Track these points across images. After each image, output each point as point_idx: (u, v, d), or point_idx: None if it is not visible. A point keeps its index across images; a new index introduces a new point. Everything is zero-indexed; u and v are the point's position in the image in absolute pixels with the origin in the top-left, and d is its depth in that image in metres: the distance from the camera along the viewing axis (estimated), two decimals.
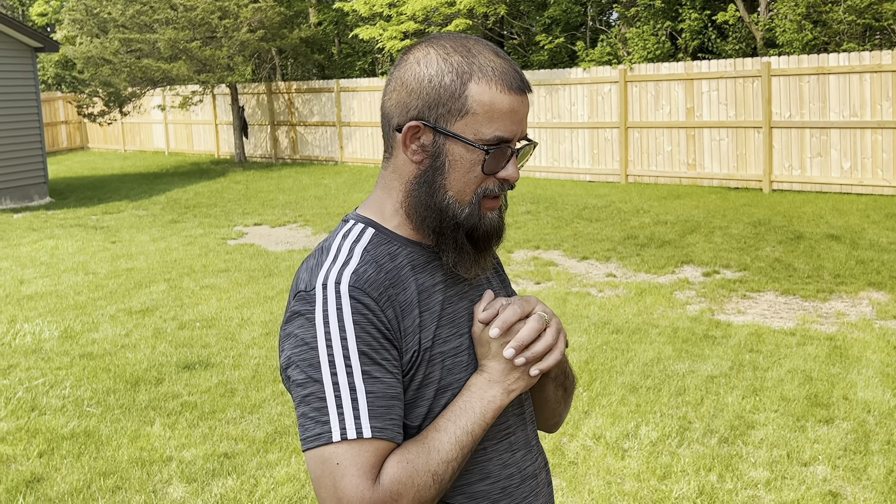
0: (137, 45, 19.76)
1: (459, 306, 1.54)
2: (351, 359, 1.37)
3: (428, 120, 1.46)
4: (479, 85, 1.45)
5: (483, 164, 1.46)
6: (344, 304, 1.39)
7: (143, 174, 20.48)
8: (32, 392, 5.85)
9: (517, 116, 1.47)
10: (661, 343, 6.52)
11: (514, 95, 1.46)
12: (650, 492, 4.25)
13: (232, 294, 8.45)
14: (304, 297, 1.42)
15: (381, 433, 1.36)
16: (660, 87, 15.19)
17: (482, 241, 1.51)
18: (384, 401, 1.38)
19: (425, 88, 1.46)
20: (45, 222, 13.53)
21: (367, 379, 1.37)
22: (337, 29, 25.18)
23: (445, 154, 1.46)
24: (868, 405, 5.21)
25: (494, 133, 1.45)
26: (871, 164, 13.00)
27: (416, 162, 1.48)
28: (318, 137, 21.29)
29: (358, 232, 1.52)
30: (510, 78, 1.46)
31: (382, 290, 1.43)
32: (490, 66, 1.46)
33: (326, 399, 1.37)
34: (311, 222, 12.73)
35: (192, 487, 4.42)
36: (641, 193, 14.15)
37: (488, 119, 1.45)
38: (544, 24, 20.76)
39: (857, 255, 9.10)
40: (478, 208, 1.48)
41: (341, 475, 1.34)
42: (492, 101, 1.45)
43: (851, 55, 13.15)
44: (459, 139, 1.45)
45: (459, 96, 1.45)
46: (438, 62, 1.46)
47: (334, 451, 1.35)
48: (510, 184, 1.50)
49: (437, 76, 1.46)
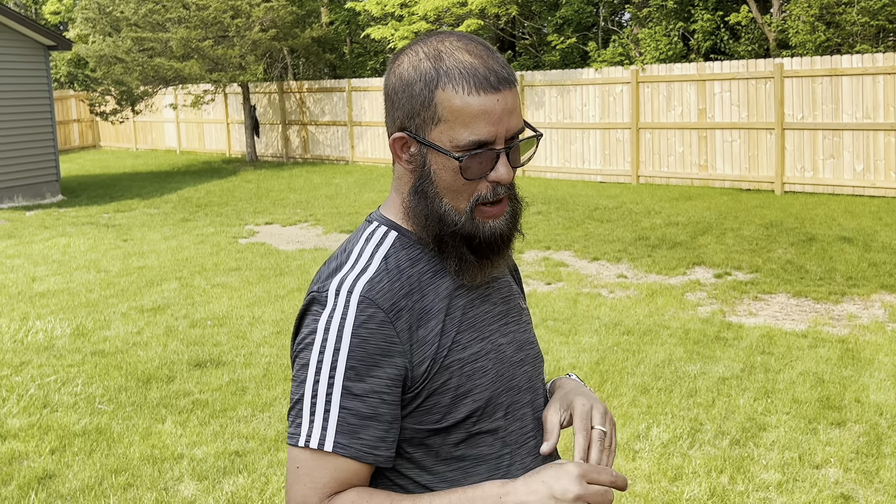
0: (150, 44, 19.83)
1: (480, 310, 1.52)
2: (337, 370, 1.38)
3: (410, 129, 1.45)
4: (445, 91, 1.41)
5: (461, 171, 1.42)
6: (349, 313, 1.40)
7: (154, 173, 20.54)
8: (44, 389, 5.87)
9: (492, 116, 1.40)
10: (673, 344, 6.51)
11: (485, 95, 1.40)
12: (661, 493, 4.24)
13: (243, 292, 8.47)
14: (316, 297, 1.44)
15: (344, 450, 1.37)
16: (672, 88, 15.16)
17: (485, 249, 1.47)
18: (357, 419, 1.38)
19: (401, 99, 1.45)
20: (57, 220, 13.59)
21: (345, 395, 1.38)
22: (349, 28, 25.21)
23: (429, 163, 1.45)
24: (880, 408, 5.19)
25: (469, 138, 1.40)
26: (883, 167, 12.94)
27: (410, 171, 1.48)
28: (330, 137, 21.32)
29: (381, 235, 1.52)
30: (480, 78, 1.40)
31: (396, 300, 1.42)
32: (458, 68, 1.41)
33: (304, 403, 1.40)
34: (322, 221, 12.75)
35: (204, 485, 4.43)
36: (653, 194, 14.12)
37: (461, 124, 1.40)
38: (556, 24, 20.74)
39: (870, 258, 9.06)
40: (472, 217, 1.45)
41: (296, 479, 1.39)
42: (462, 106, 1.40)
43: (865, 57, 13.09)
44: (435, 148, 1.42)
45: (430, 105, 1.42)
46: (409, 71, 1.44)
47: (299, 455, 1.40)
48: (503, 186, 1.45)
49: (409, 86, 1.44)
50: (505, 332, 1.56)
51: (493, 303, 1.56)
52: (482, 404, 1.47)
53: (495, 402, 1.49)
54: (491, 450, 1.50)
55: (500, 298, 1.58)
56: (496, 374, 1.50)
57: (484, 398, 1.47)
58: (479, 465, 1.49)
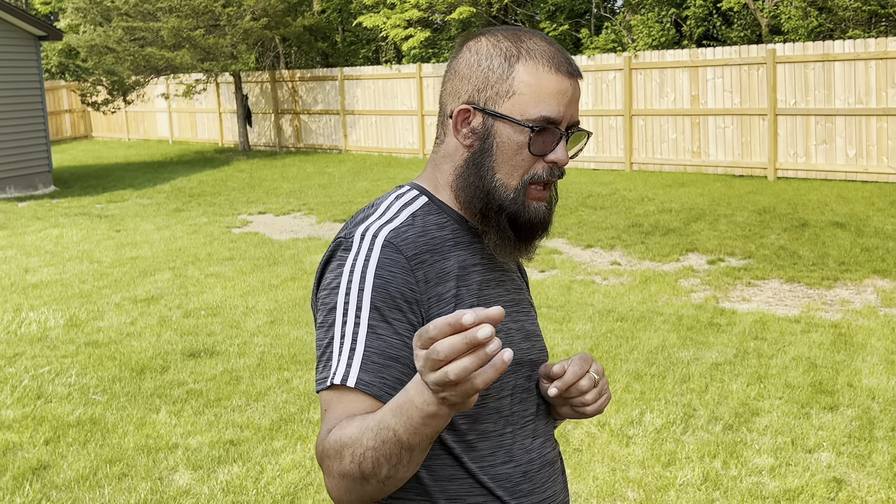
0: (141, 34, 19.73)
1: (496, 292, 1.55)
2: (362, 310, 1.40)
3: (477, 103, 1.49)
4: (525, 66, 1.47)
5: (529, 144, 1.46)
6: (373, 255, 1.42)
7: (147, 163, 20.48)
8: (38, 380, 5.87)
9: (564, 98, 1.47)
10: (666, 331, 6.52)
11: (560, 76, 1.47)
12: (655, 478, 4.26)
13: (237, 282, 8.46)
14: (341, 242, 1.48)
15: (367, 387, 1.37)
16: (664, 75, 15.15)
17: (525, 230, 1.51)
18: (381, 358, 1.39)
19: (475, 73, 1.49)
20: (50, 211, 13.55)
21: (370, 334, 1.40)
22: (340, 17, 25.12)
23: (494, 136, 1.48)
24: (872, 392, 5.21)
25: (541, 113, 1.45)
26: (876, 152, 12.97)
27: (467, 146, 1.51)
28: (322, 126, 21.27)
29: (411, 197, 1.55)
30: (558, 60, 1.48)
31: (419, 252, 1.45)
32: (538, 49, 1.48)
33: (333, 345, 1.41)
34: (315, 210, 12.73)
35: (198, 474, 4.44)
36: (646, 181, 14.13)
37: (535, 99, 1.46)
38: (548, 11, 20.70)
39: (862, 243, 9.09)
40: (523, 194, 1.48)
41: (324, 421, 1.40)
42: (538, 82, 1.46)
43: (857, 42, 13.09)
44: (506, 119, 1.46)
45: (507, 78, 1.47)
46: (488, 48, 1.50)
47: (326, 396, 1.41)
48: (559, 168, 1.50)
49: (485, 60, 1.49)
50: (516, 318, 1.59)
51: (507, 289, 1.59)
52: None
53: (503, 380, 1.51)
54: (495, 427, 1.52)
55: (514, 287, 1.62)
56: None
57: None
58: (484, 440, 1.50)
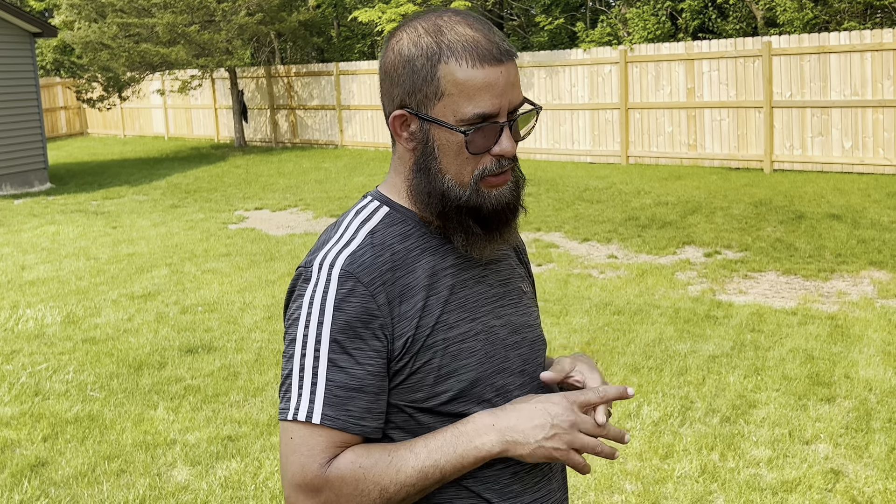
0: (136, 30, 19.68)
1: (474, 290, 1.51)
2: (321, 344, 1.39)
3: (410, 107, 1.44)
4: (448, 65, 1.39)
5: (467, 146, 1.41)
6: (331, 287, 1.41)
7: (143, 159, 20.45)
8: (36, 377, 5.87)
9: (496, 89, 1.40)
10: (663, 324, 6.53)
11: (488, 68, 1.39)
12: (652, 471, 4.26)
13: (234, 278, 8.46)
14: (301, 273, 1.47)
15: (332, 422, 1.38)
16: (660, 68, 15.14)
17: (492, 220, 1.46)
18: (343, 391, 1.39)
19: (402, 76, 1.43)
20: (46, 208, 13.53)
21: (330, 367, 1.39)
22: (336, 12, 25.09)
23: (433, 139, 1.43)
24: (869, 383, 5.22)
25: (474, 111, 1.40)
26: (872, 144, 12.97)
27: (411, 150, 1.47)
28: (318, 121, 21.24)
29: (371, 210, 1.52)
30: (483, 50, 1.40)
31: (378, 274, 1.42)
32: (460, 41, 1.40)
33: (292, 378, 1.41)
34: (311, 206, 12.73)
35: (197, 470, 4.44)
36: (642, 174, 14.13)
37: (465, 98, 1.40)
38: (544, 4, 20.68)
39: (859, 235, 9.10)
40: (478, 188, 1.44)
41: (292, 449, 1.40)
42: (465, 79, 1.39)
43: (852, 34, 13.09)
44: (438, 123, 1.41)
45: (432, 80, 1.40)
46: (410, 47, 1.43)
47: (290, 427, 1.40)
48: (507, 159, 1.45)
49: (409, 62, 1.42)
50: (500, 314, 1.54)
51: (489, 284, 1.54)
52: (467, 385, 1.46)
53: (484, 384, 1.48)
54: None
55: (498, 280, 1.57)
56: (485, 356, 1.49)
57: (469, 379, 1.46)
58: None
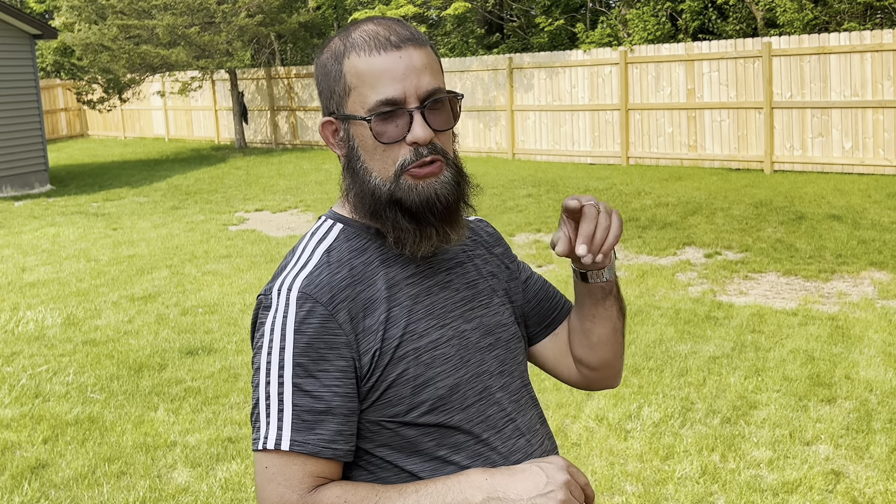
0: (136, 32, 19.69)
1: (440, 297, 1.50)
2: (284, 370, 1.38)
3: (332, 111, 1.47)
4: (350, 58, 1.43)
5: (375, 135, 1.40)
6: (290, 312, 1.40)
7: (143, 161, 20.45)
8: (36, 379, 5.86)
9: (396, 73, 1.39)
10: (664, 324, 6.53)
11: (385, 54, 1.40)
12: (653, 472, 4.26)
13: (234, 279, 8.46)
14: (262, 301, 1.46)
15: (302, 447, 1.37)
16: (660, 69, 15.14)
17: (420, 214, 1.42)
18: (311, 415, 1.37)
19: (321, 84, 1.48)
20: (46, 210, 13.53)
21: (296, 392, 1.38)
22: (336, 13, 25.09)
23: (353, 138, 1.45)
24: (870, 384, 5.22)
25: (376, 98, 1.40)
26: (872, 144, 12.97)
27: (342, 155, 1.48)
28: (318, 122, 21.23)
29: (326, 229, 1.52)
30: (381, 39, 1.41)
31: (336, 291, 1.41)
32: (363, 35, 1.43)
33: (259, 406, 1.40)
34: (312, 207, 12.73)
35: (197, 472, 4.44)
36: (643, 175, 14.13)
37: (368, 87, 1.41)
38: (544, 5, 20.68)
39: (859, 235, 9.09)
40: (398, 181, 1.42)
41: (268, 479, 1.38)
42: (365, 69, 1.41)
43: (852, 34, 13.09)
44: (350, 118, 1.43)
45: (340, 77, 1.44)
46: (325, 55, 1.48)
47: (264, 457, 1.39)
48: (427, 147, 1.41)
49: (324, 68, 1.47)
50: (469, 317, 1.52)
51: (454, 289, 1.52)
52: (445, 392, 1.45)
53: (464, 389, 1.47)
54: (468, 437, 1.47)
55: (465, 283, 1.55)
56: (460, 361, 1.48)
57: (447, 385, 1.45)
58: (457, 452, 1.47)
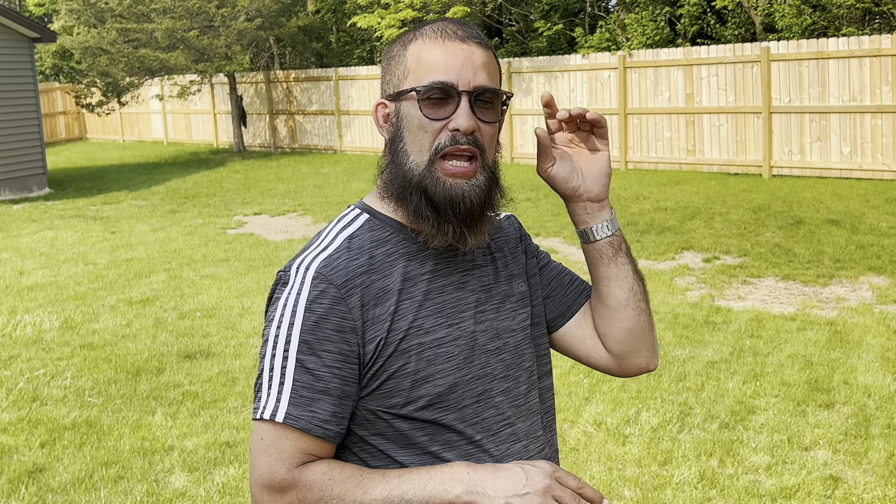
0: (135, 35, 19.70)
1: (452, 296, 1.51)
2: (290, 345, 1.42)
3: (387, 93, 1.53)
4: (415, 44, 1.50)
5: (421, 106, 1.45)
6: (304, 290, 1.44)
7: (141, 164, 20.45)
8: (33, 383, 5.85)
9: (455, 61, 1.46)
10: (662, 329, 6.52)
11: (448, 42, 1.48)
12: (651, 477, 4.25)
13: (232, 283, 8.45)
14: (280, 277, 1.50)
15: (295, 421, 1.40)
16: (659, 73, 15.16)
17: (444, 209, 1.44)
18: (309, 392, 1.41)
19: (385, 70, 1.55)
20: (45, 213, 13.52)
21: (298, 368, 1.41)
22: (335, 17, 25.10)
23: (402, 118, 1.49)
24: (868, 389, 5.21)
25: (431, 79, 1.45)
26: (870, 149, 12.98)
27: (388, 137, 1.52)
28: (317, 126, 21.25)
29: (352, 217, 1.56)
30: (449, 30, 1.49)
31: (351, 276, 1.45)
32: (432, 28, 1.51)
33: (263, 377, 1.44)
34: (310, 211, 12.72)
35: (194, 476, 4.43)
36: (641, 180, 14.13)
37: (426, 70, 1.47)
38: (542, 10, 20.70)
39: (857, 240, 9.10)
40: (432, 169, 1.44)
41: (261, 450, 1.42)
42: (427, 52, 1.48)
43: (851, 39, 13.11)
44: (403, 93, 1.48)
45: (402, 61, 1.51)
46: (395, 44, 1.54)
47: (261, 427, 1.43)
48: (464, 136, 1.44)
49: (391, 54, 1.54)
50: (480, 319, 1.53)
51: (469, 290, 1.54)
52: (443, 390, 1.46)
53: (462, 389, 1.48)
54: (460, 437, 1.49)
55: (480, 286, 1.56)
56: (463, 361, 1.49)
57: (446, 384, 1.47)
58: (449, 450, 1.49)
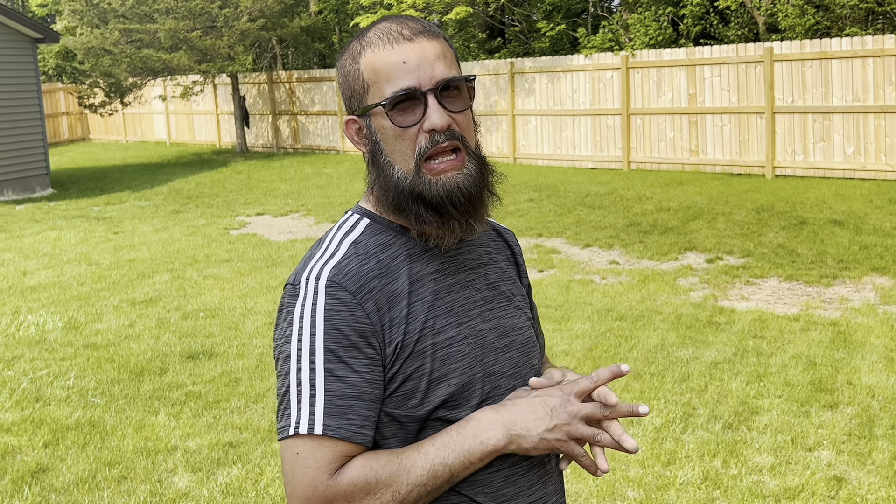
0: (138, 36, 19.72)
1: (460, 295, 1.52)
2: (316, 355, 1.40)
3: (354, 110, 1.52)
4: (366, 56, 1.48)
5: (391, 119, 1.45)
6: (319, 299, 1.42)
7: (144, 165, 20.46)
8: (37, 383, 5.86)
9: (409, 64, 1.44)
10: (665, 330, 6.52)
11: (398, 45, 1.45)
12: (655, 478, 4.25)
13: (235, 284, 8.45)
14: (290, 290, 1.48)
15: (334, 432, 1.38)
16: (662, 74, 15.15)
17: (442, 207, 1.44)
18: (343, 400, 1.39)
19: (342, 86, 1.53)
20: (48, 213, 13.54)
21: (328, 377, 1.40)
22: (337, 17, 25.11)
23: (375, 132, 1.49)
24: (872, 390, 5.21)
25: (392, 90, 1.44)
26: (874, 149, 12.97)
27: (367, 151, 1.52)
28: (320, 126, 21.26)
29: (352, 223, 1.55)
30: (394, 34, 1.47)
31: (364, 282, 1.44)
32: (377, 34, 1.48)
33: (290, 393, 1.41)
34: (313, 212, 12.73)
35: (198, 477, 4.43)
36: (644, 180, 14.13)
37: (385, 81, 1.45)
38: (545, 10, 20.68)
39: (861, 241, 9.09)
40: (419, 173, 1.45)
41: (299, 464, 1.39)
42: (380, 64, 1.46)
43: (854, 40, 13.09)
44: (370, 108, 1.47)
45: (359, 76, 1.49)
46: (344, 58, 1.53)
47: (294, 443, 1.40)
48: (442, 133, 1.44)
49: (343, 69, 1.52)
50: (488, 317, 1.54)
51: (475, 288, 1.55)
52: (457, 389, 1.46)
53: (472, 388, 1.48)
54: None
55: (486, 284, 1.57)
56: (474, 359, 1.49)
57: (460, 383, 1.47)
58: None
